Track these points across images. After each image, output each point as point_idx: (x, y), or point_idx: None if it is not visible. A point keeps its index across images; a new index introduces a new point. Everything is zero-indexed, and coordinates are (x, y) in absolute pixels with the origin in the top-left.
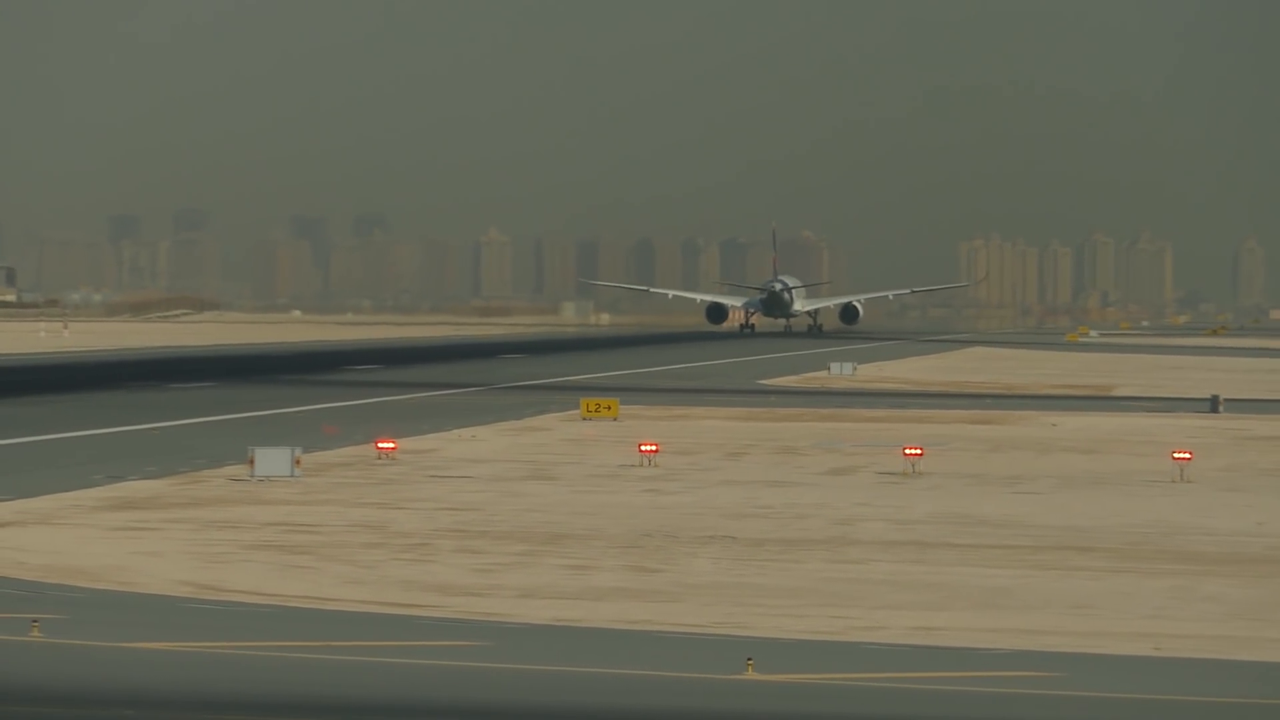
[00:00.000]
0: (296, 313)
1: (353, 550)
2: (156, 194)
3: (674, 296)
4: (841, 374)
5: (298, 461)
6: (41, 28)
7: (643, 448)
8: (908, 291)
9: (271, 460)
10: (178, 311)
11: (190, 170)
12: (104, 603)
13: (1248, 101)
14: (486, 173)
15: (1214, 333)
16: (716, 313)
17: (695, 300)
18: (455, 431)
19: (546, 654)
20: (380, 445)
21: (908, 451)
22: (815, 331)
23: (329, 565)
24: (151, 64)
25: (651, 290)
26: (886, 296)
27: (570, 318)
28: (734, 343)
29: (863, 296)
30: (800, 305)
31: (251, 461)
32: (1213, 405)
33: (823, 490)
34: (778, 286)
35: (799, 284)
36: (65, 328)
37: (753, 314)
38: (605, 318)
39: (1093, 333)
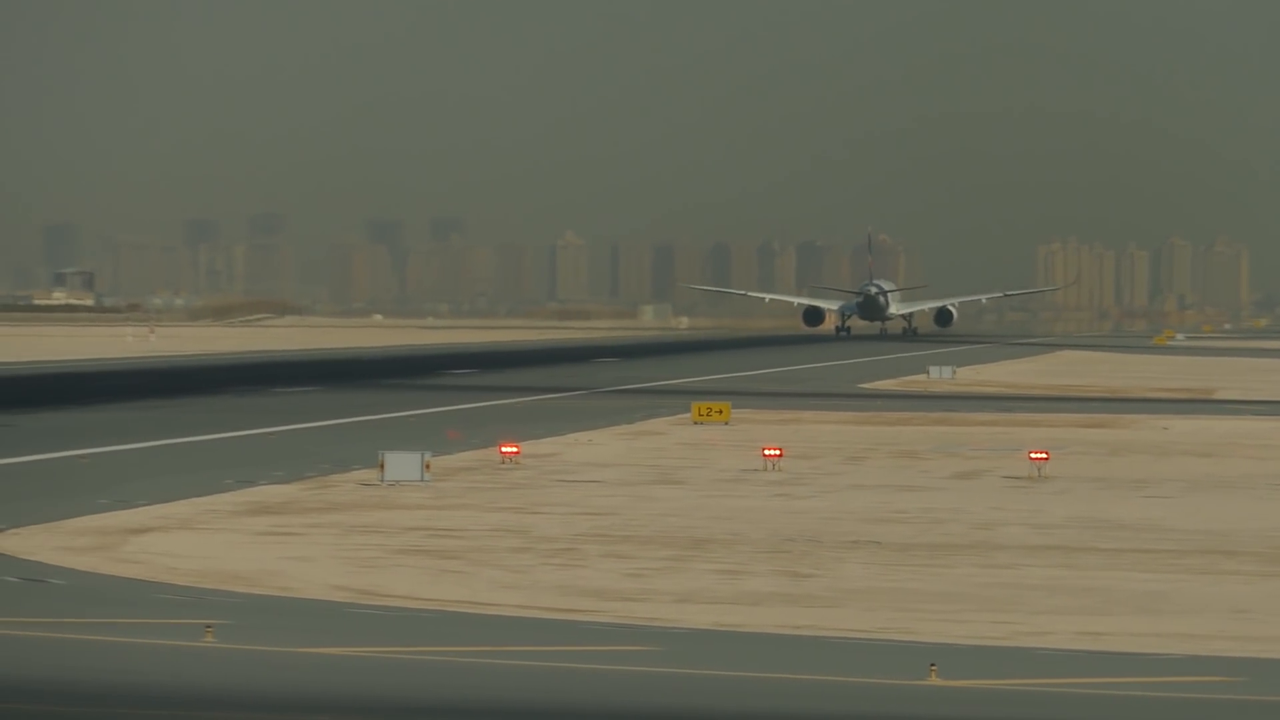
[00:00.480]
0: (377, 317)
1: (500, 555)
2: (232, 198)
3: (770, 300)
4: (941, 378)
5: (427, 466)
6: (115, 31)
7: (766, 452)
8: (1000, 295)
9: (401, 465)
10: (259, 315)
11: (266, 174)
12: (268, 608)
13: None
14: (562, 176)
15: None
16: (813, 316)
17: (793, 304)
18: (571, 435)
19: (720, 659)
20: (504, 449)
21: (1033, 456)
22: (910, 334)
23: (480, 570)
24: (225, 67)
25: (749, 294)
26: (980, 300)
27: (649, 321)
28: (830, 346)
29: (956, 300)
30: (895, 308)
31: (381, 466)
32: None
33: (953, 495)
34: (873, 290)
35: (894, 287)
36: (151, 332)
37: (849, 317)
38: (684, 321)
39: (1179, 336)
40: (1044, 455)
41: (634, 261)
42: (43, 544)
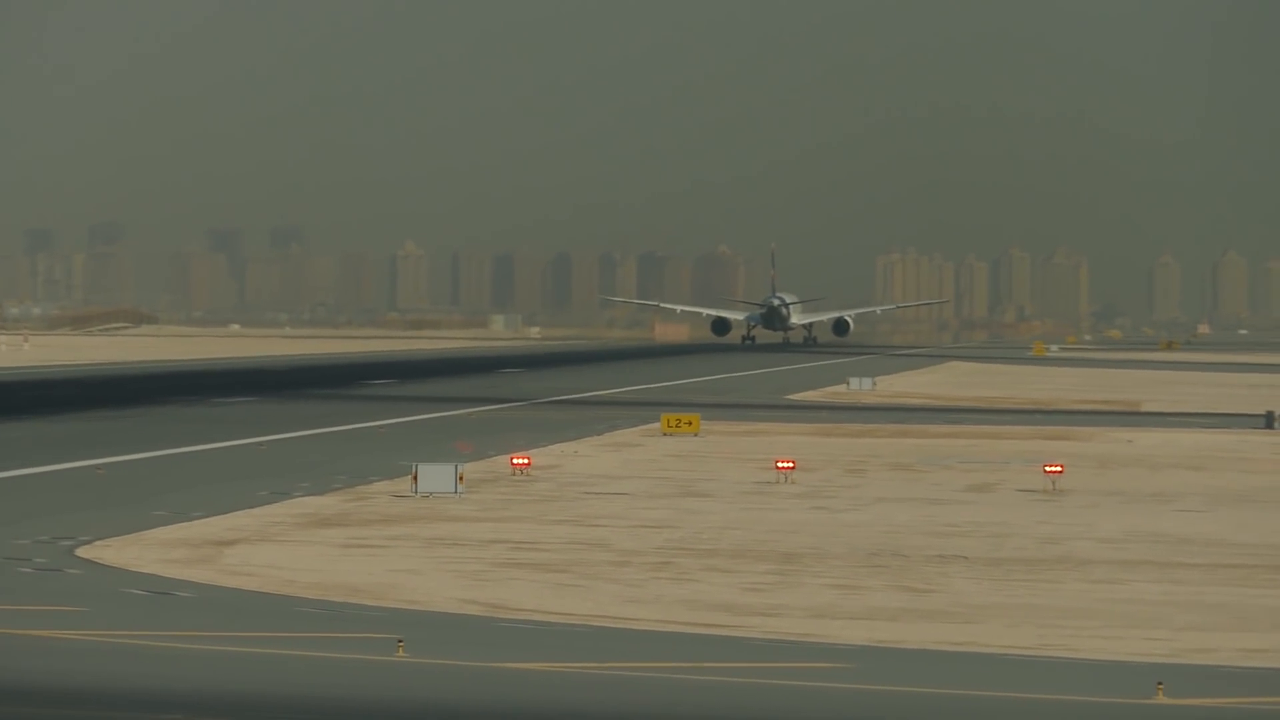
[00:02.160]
0: (234, 326)
1: (602, 569)
2: (72, 207)
3: (682, 311)
4: (862, 389)
5: (461, 478)
6: None
7: (779, 464)
8: (894, 307)
9: (435, 476)
10: (116, 325)
11: (105, 183)
12: (426, 622)
13: (1164, 118)
14: (402, 186)
15: (1168, 346)
16: (720, 326)
17: (701, 314)
18: (554, 447)
19: (927, 677)
20: (515, 461)
21: (1048, 469)
22: (810, 343)
23: (594, 584)
24: (71, 79)
25: (661, 305)
26: (875, 311)
27: (500, 330)
28: (737, 356)
29: (853, 312)
30: (797, 319)
31: (414, 478)
32: (1268, 421)
33: (987, 508)
34: (775, 302)
35: (795, 299)
36: (25, 341)
37: (754, 327)
38: (535, 331)
39: (1052, 348)
40: (1059, 468)
41: (474, 271)
42: (140, 557)
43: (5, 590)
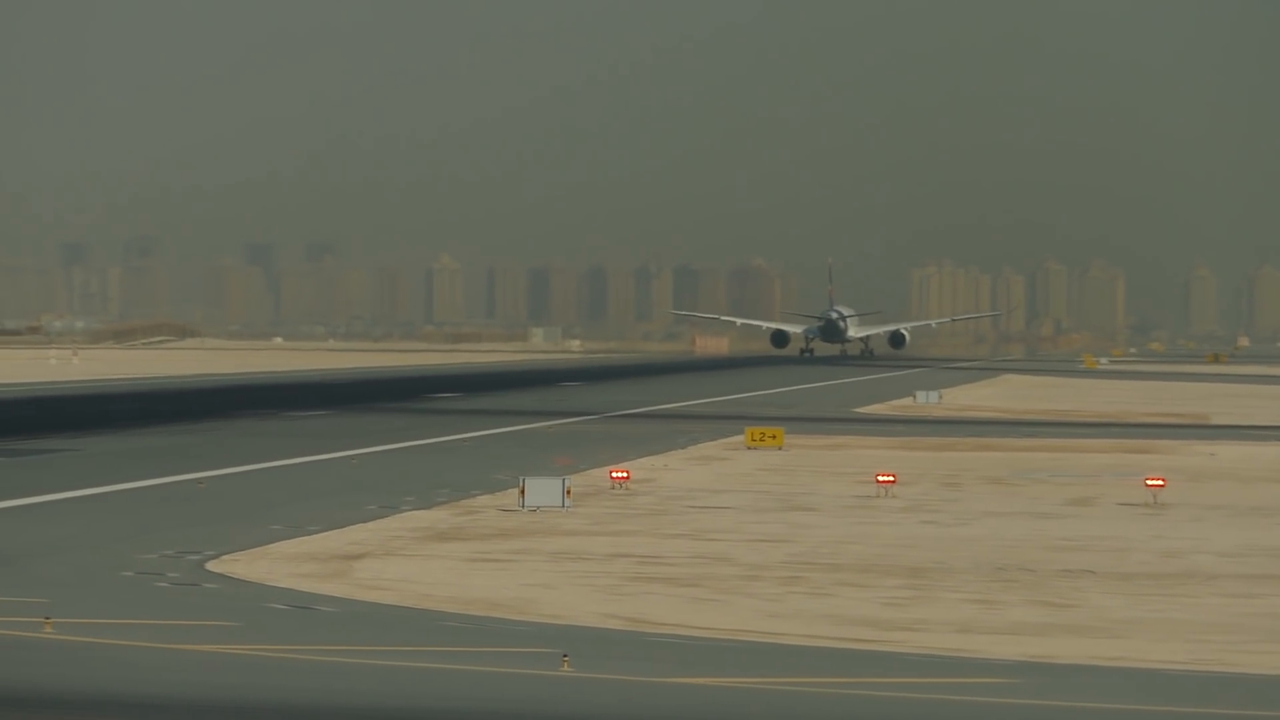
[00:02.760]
0: (278, 339)
1: (735, 583)
2: (107, 221)
3: (742, 324)
4: (928, 402)
5: (568, 492)
6: None
7: (880, 478)
8: (949, 320)
9: (542, 490)
10: (160, 338)
11: (140, 197)
12: (578, 636)
13: (1199, 131)
14: (437, 198)
15: (1215, 359)
16: (780, 338)
17: (761, 327)
18: (643, 461)
19: (1094, 692)
20: (614, 475)
21: (1149, 482)
22: (867, 355)
23: (733, 599)
24: (98, 89)
25: (721, 318)
26: (930, 325)
27: (540, 344)
28: (797, 368)
29: (909, 324)
30: (854, 331)
31: (522, 491)
32: None
33: (1096, 522)
34: (833, 315)
35: (853, 312)
36: (75, 355)
37: (812, 339)
38: (575, 344)
39: (1103, 360)
40: (1161, 482)
41: (510, 284)
42: (272, 571)
43: (150, 605)
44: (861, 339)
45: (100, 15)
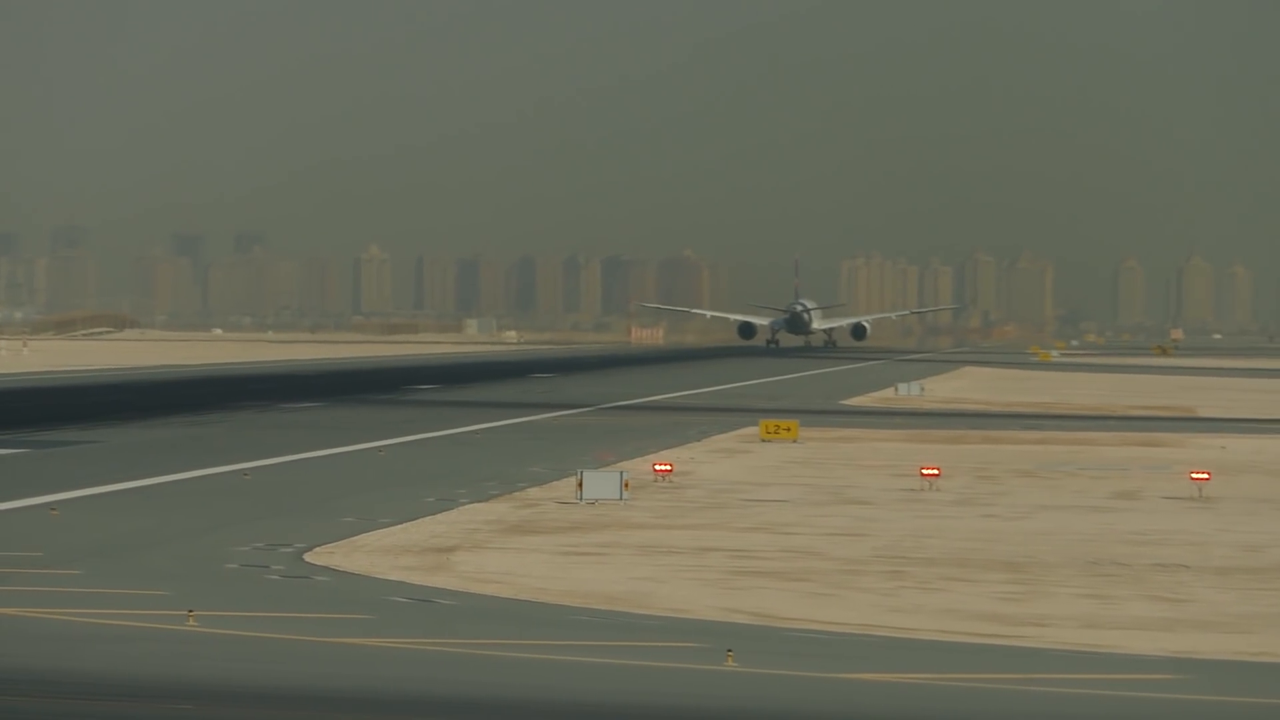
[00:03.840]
0: (218, 331)
1: (839, 577)
2: (34, 211)
3: (712, 317)
4: (910, 394)
5: (626, 485)
6: None
7: (924, 472)
8: (909, 313)
9: (600, 483)
10: (100, 329)
11: (68, 186)
12: (716, 631)
13: (1126, 124)
14: (364, 189)
15: (1162, 352)
16: (747, 330)
17: (728, 319)
18: (666, 454)
19: (1264, 688)
20: (657, 468)
21: (1194, 476)
22: (830, 347)
23: (846, 594)
24: (33, 81)
25: (692, 311)
26: (890, 317)
27: (475, 334)
28: (763, 360)
29: (870, 317)
30: (818, 324)
31: (580, 484)
32: None
33: (1156, 515)
34: (799, 308)
35: (816, 305)
36: (25, 345)
37: (778, 331)
38: (511, 334)
39: (1054, 354)
40: (1206, 476)
41: (439, 274)
42: (375, 563)
43: (274, 598)
44: (825, 331)
45: (25, 7)
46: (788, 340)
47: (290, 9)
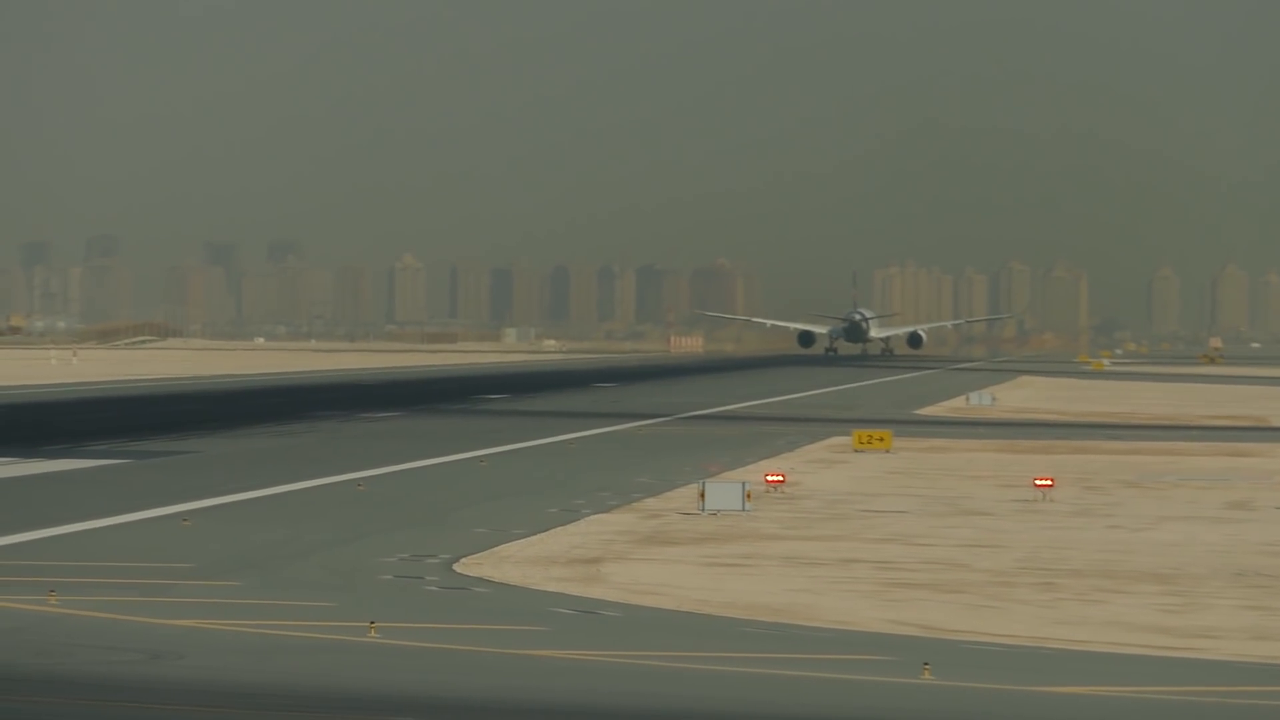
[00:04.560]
0: (260, 340)
1: (994, 589)
2: (68, 221)
3: (772, 325)
4: (982, 404)
5: (748, 496)
6: None
7: (1037, 482)
8: (964, 321)
9: (721, 495)
10: (143, 338)
11: (102, 196)
12: (895, 644)
13: (1162, 131)
14: (399, 199)
15: (1210, 360)
16: (806, 338)
17: (789, 328)
18: (765, 464)
19: None
20: (769, 478)
21: None
22: (887, 355)
23: (1007, 606)
24: (66, 91)
25: (752, 320)
26: (946, 326)
27: (514, 344)
28: (823, 369)
29: (926, 326)
30: (875, 332)
31: (702, 495)
32: None
33: (1274, 526)
34: (857, 317)
35: (874, 314)
36: (75, 355)
37: (836, 339)
38: (550, 344)
39: (1106, 363)
40: None
41: (473, 283)
42: (528, 575)
43: (440, 609)
44: (882, 339)
45: (58, 18)
46: (845, 348)
47: (330, 23)
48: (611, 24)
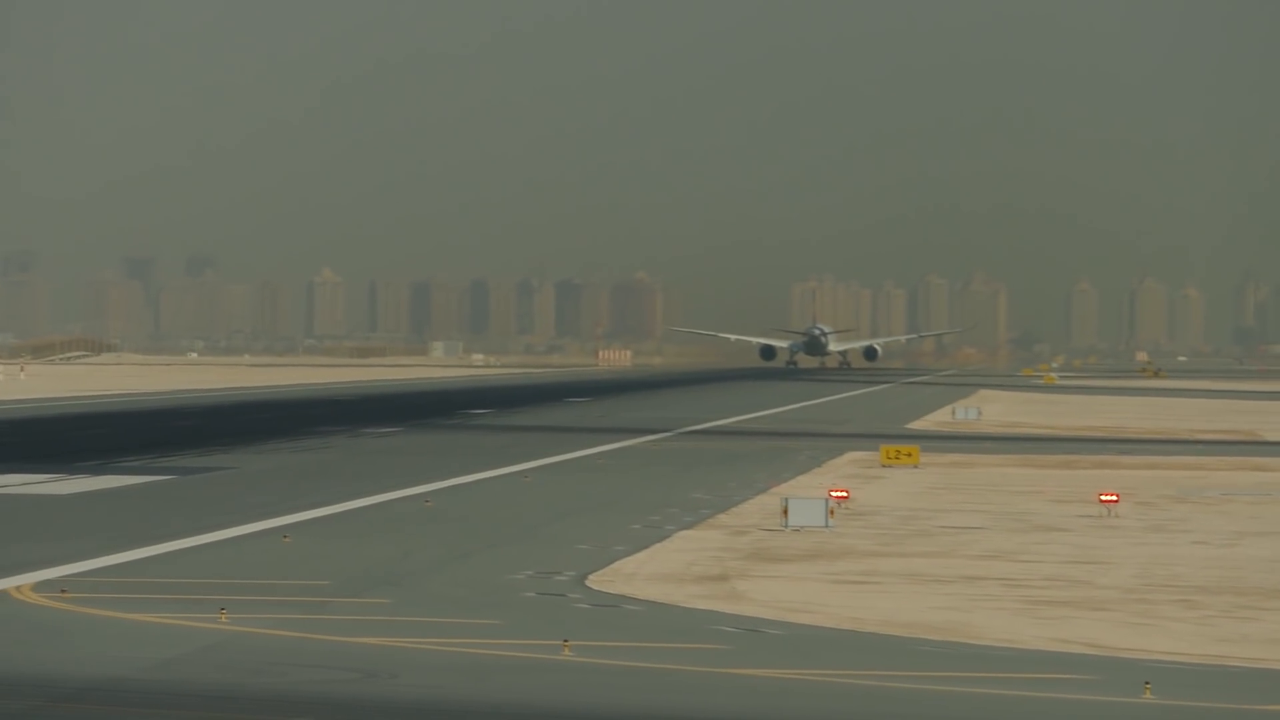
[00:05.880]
0: (193, 355)
1: (1135, 605)
2: None
3: (736, 340)
4: (969, 418)
5: (831, 512)
6: None
7: (1103, 498)
8: (916, 336)
9: (804, 511)
10: (76, 353)
11: (18, 211)
12: (1101, 666)
13: (1078, 145)
14: (317, 213)
15: (1155, 374)
16: (768, 352)
17: (751, 343)
18: (801, 480)
19: None
20: (834, 494)
21: None
22: (845, 368)
23: (1159, 623)
24: None
25: (718, 335)
26: (900, 340)
27: (440, 357)
28: (787, 383)
29: (881, 340)
30: (834, 346)
31: (785, 511)
32: None
33: None
34: (816, 332)
35: (832, 329)
36: (22, 370)
37: (796, 353)
38: (479, 358)
39: (1056, 376)
40: None
41: (391, 298)
42: (668, 592)
43: (606, 627)
44: (840, 353)
45: None
46: (805, 361)
47: (244, 40)
48: (532, 38)
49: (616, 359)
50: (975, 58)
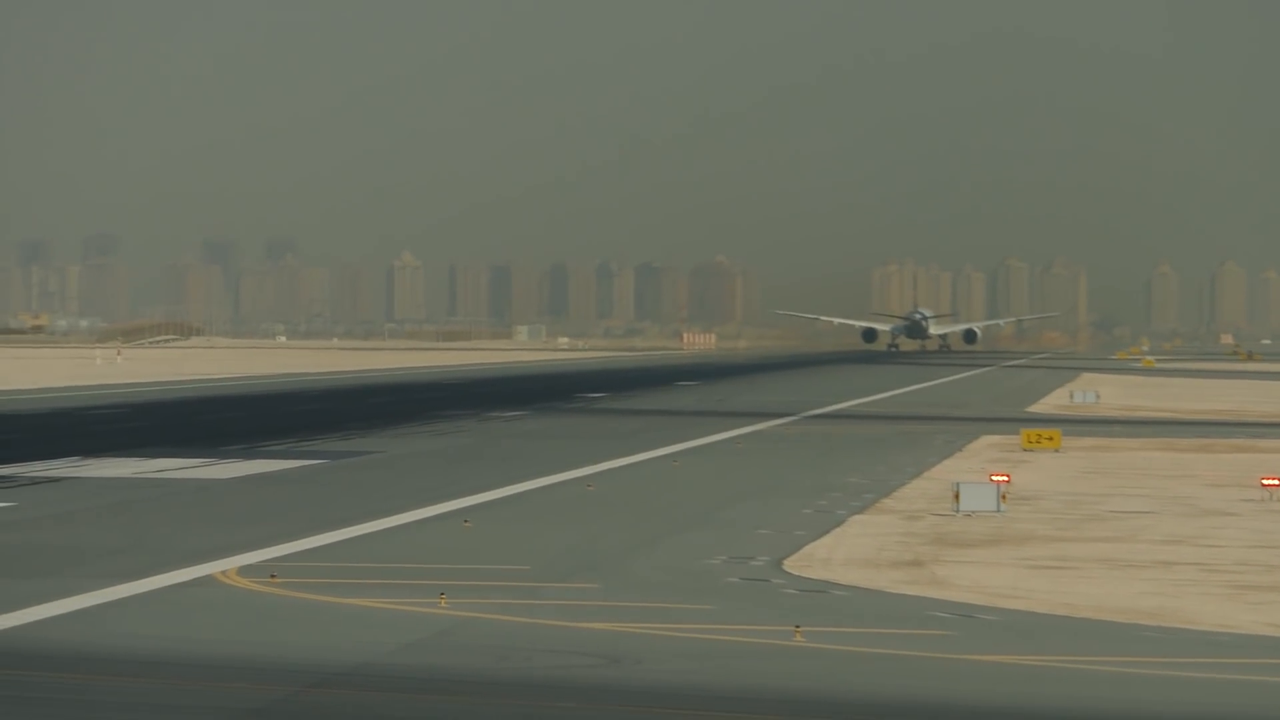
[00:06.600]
0: (280, 338)
1: None
2: (65, 220)
3: (839, 324)
4: (1087, 401)
5: (1003, 497)
6: None
7: (1265, 482)
8: (1015, 320)
9: (976, 495)
10: (166, 337)
11: (100, 196)
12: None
13: (1161, 130)
14: (397, 197)
15: (1248, 357)
16: (870, 335)
17: (853, 325)
18: (947, 464)
19: None
20: (994, 478)
21: None
22: (945, 350)
23: None
24: (64, 92)
25: (821, 318)
26: (999, 324)
27: (525, 340)
28: (887, 367)
29: (980, 323)
30: (934, 330)
31: (956, 496)
32: None
33: None
34: (917, 316)
35: (933, 313)
36: (119, 354)
37: (897, 337)
38: (564, 341)
39: (1153, 359)
40: None
41: (471, 281)
42: (868, 577)
43: (821, 612)
44: (940, 336)
45: (57, 16)
46: (906, 345)
47: (330, 21)
48: (607, 18)
49: (701, 342)
50: (1057, 42)
